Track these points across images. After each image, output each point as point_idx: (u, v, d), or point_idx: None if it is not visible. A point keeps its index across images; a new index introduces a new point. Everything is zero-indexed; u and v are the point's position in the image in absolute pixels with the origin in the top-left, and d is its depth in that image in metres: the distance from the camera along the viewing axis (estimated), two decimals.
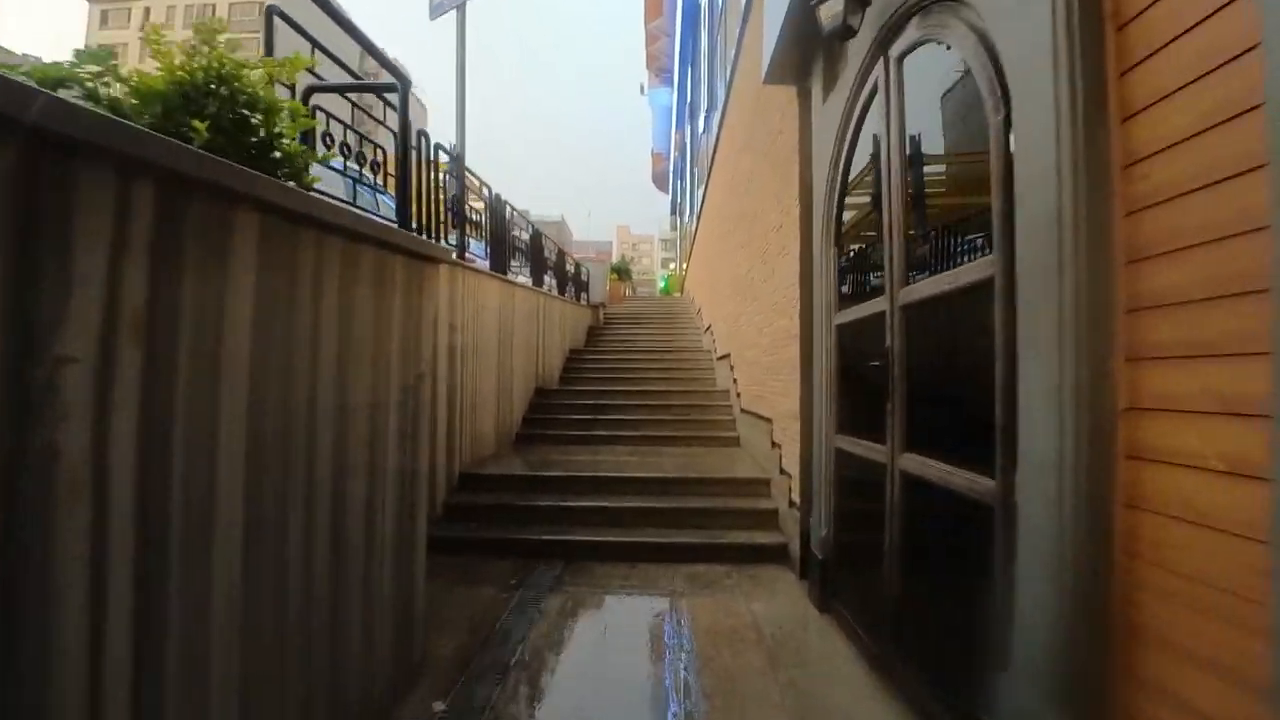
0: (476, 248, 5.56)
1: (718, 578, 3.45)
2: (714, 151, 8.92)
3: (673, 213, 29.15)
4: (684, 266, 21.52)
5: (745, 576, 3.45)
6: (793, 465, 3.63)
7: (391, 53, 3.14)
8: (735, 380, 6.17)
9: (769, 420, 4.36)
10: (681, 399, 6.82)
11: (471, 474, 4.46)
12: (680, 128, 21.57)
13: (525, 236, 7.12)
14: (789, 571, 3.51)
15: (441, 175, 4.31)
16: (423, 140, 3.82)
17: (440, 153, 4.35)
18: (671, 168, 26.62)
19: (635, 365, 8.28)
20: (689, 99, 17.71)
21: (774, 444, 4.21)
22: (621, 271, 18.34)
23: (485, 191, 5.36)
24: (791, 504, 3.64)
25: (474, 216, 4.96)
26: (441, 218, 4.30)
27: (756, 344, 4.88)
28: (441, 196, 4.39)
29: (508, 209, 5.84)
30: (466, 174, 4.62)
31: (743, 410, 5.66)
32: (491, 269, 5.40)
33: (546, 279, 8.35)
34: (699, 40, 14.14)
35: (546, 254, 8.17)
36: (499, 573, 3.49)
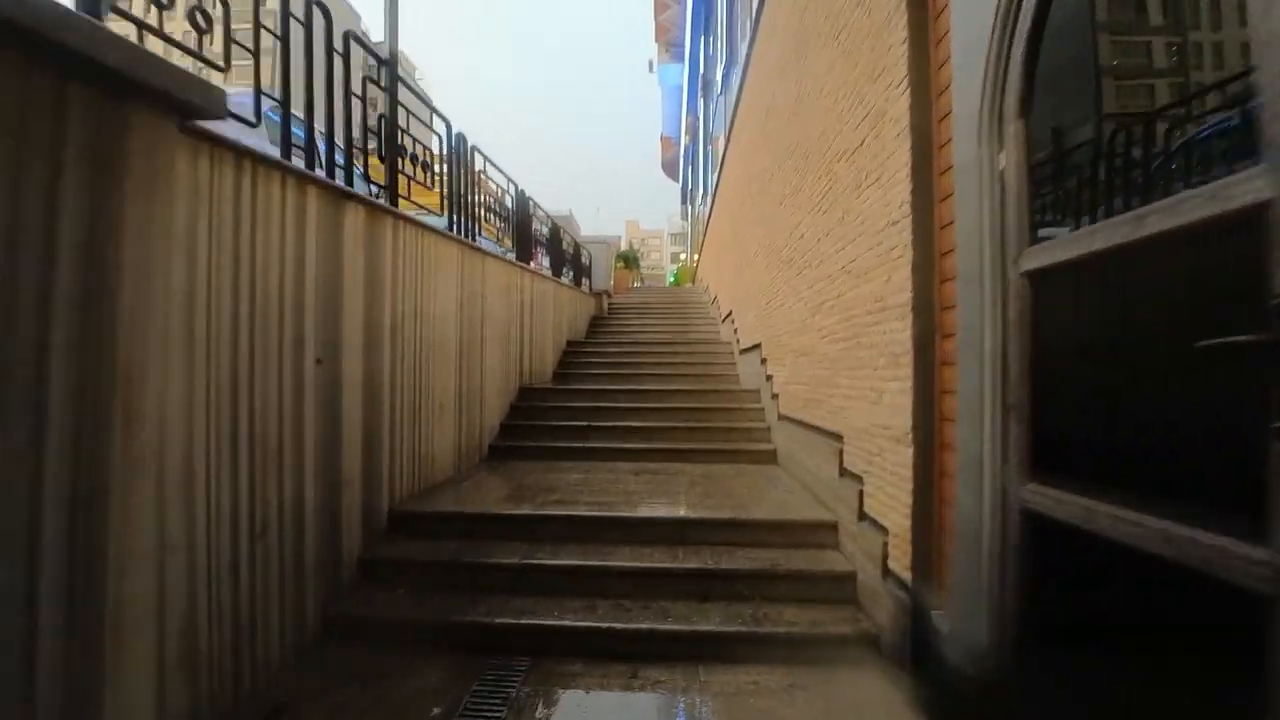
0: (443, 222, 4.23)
1: (774, 702, 2.10)
2: (736, 106, 7.54)
3: (683, 201, 27.78)
4: (695, 257, 20.16)
5: (818, 698, 2.10)
6: (890, 511, 2.27)
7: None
8: (770, 377, 4.81)
9: (835, 436, 3.00)
10: (699, 400, 5.46)
11: (407, 512, 3.15)
12: (692, 108, 20.18)
13: (509, 199, 5.78)
14: (885, 682, 2.15)
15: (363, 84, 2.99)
16: (313, 7, 2.49)
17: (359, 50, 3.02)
18: (682, 153, 25.25)
19: (643, 359, 6.95)
20: (702, 71, 16.28)
21: (844, 471, 2.85)
22: (629, 260, 17.05)
23: (443, 128, 4.03)
24: (887, 572, 2.29)
25: (424, 158, 3.64)
26: (361, 144, 2.98)
27: (809, 326, 3.52)
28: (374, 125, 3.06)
29: (476, 155, 4.51)
30: (404, 89, 3.28)
31: (782, 417, 4.30)
32: (453, 232, 4.07)
33: (539, 257, 7.03)
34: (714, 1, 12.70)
35: (537, 226, 6.83)
36: (421, 688, 2.17)
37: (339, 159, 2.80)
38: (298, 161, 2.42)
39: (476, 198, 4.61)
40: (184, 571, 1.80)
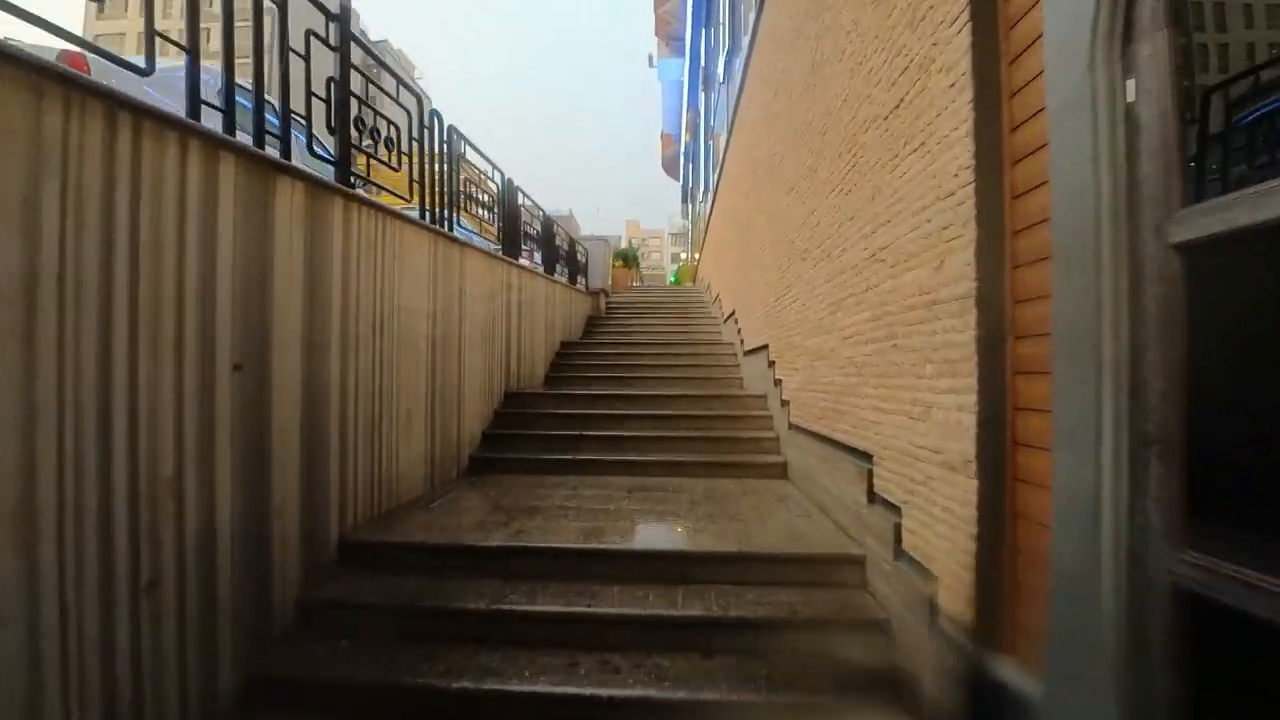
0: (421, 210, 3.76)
1: None
2: (739, 93, 7.10)
3: (684, 200, 27.38)
4: (696, 256, 19.72)
5: None
6: (941, 555, 1.83)
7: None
8: (779, 382, 4.37)
9: (862, 455, 2.55)
10: (701, 406, 5.03)
11: (361, 541, 2.70)
12: (693, 104, 19.80)
13: (495, 188, 5.33)
14: None
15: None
16: None
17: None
18: (682, 151, 24.85)
19: (641, 361, 6.50)
20: (703, 64, 15.86)
21: (875, 497, 2.41)
22: (628, 258, 16.55)
23: (413, 103, 3.58)
24: (936, 629, 1.84)
25: (388, 133, 3.19)
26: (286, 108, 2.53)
27: (827, 325, 3.07)
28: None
29: (449, 132, 4.06)
30: (356, 47, 2.83)
31: (794, 427, 3.86)
32: (426, 221, 3.63)
33: (532, 253, 6.59)
34: None
35: (527, 218, 6.39)
36: None
37: (276, 128, 2.35)
38: (213, 124, 1.98)
39: (454, 183, 4.16)
40: (18, 649, 1.36)
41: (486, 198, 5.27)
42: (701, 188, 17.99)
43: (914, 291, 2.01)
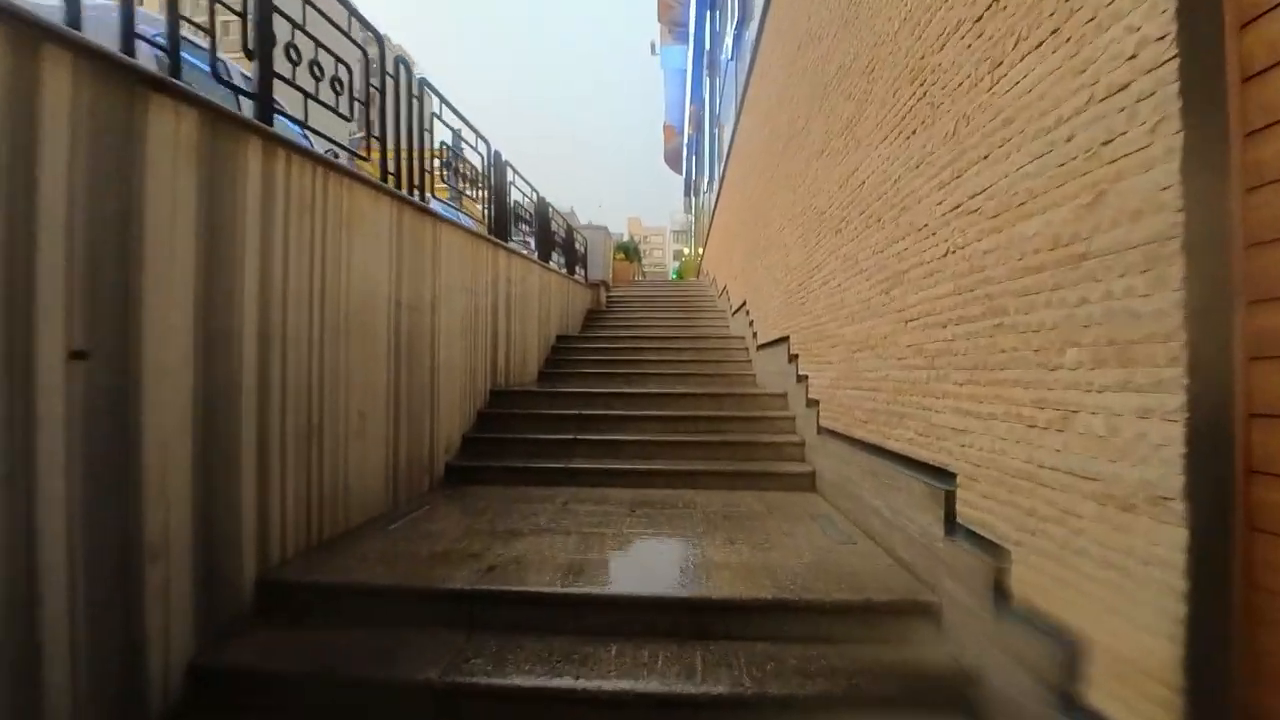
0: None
1: None
2: (752, 61, 6.49)
3: (686, 194, 26.75)
4: (700, 250, 19.10)
5: None
6: (1100, 628, 1.23)
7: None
8: (803, 378, 3.77)
9: (937, 472, 1.95)
10: (712, 406, 4.43)
11: (286, 582, 2.10)
12: (696, 95, 19.22)
13: (477, 154, 4.73)
14: None
15: None
16: None
17: None
18: (685, 144, 24.20)
19: (644, 358, 5.92)
20: (708, 49, 15.23)
21: (958, 528, 1.81)
22: (629, 251, 15.92)
23: (378, 46, 2.99)
24: None
25: (336, 73, 2.60)
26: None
27: (878, 307, 2.47)
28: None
29: (419, 85, 3.46)
30: None
31: (826, 431, 3.27)
32: (390, 186, 3.03)
33: (523, 239, 5.99)
34: None
35: (519, 199, 5.78)
36: None
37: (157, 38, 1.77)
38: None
39: (412, 134, 3.55)
40: None
41: (469, 170, 4.67)
42: (706, 177, 17.37)
43: (1041, 245, 1.41)
